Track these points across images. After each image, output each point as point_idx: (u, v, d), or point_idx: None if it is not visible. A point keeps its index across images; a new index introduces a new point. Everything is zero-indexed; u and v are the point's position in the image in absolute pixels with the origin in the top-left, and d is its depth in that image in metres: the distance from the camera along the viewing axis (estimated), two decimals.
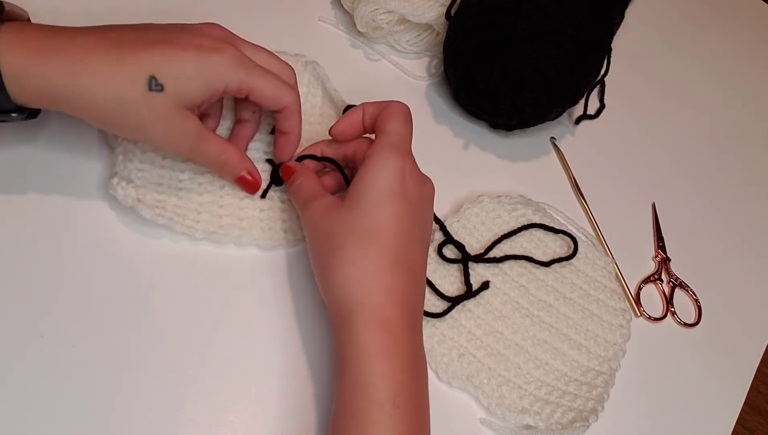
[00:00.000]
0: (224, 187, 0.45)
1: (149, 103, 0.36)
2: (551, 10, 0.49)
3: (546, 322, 0.47)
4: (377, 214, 0.38)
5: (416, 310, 0.39)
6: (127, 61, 0.36)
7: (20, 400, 0.36)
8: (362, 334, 0.36)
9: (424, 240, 0.41)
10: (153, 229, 0.43)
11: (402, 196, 0.39)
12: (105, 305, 0.40)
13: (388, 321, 0.36)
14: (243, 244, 0.44)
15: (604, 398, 0.44)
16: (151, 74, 0.36)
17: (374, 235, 0.38)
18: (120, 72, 0.35)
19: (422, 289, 0.40)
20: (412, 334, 0.37)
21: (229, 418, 0.39)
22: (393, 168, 0.39)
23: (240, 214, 0.45)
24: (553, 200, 0.53)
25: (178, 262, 0.43)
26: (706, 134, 0.65)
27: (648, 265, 0.54)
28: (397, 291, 0.37)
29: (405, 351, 0.36)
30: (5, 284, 0.39)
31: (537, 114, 0.54)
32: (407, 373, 0.35)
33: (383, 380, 0.34)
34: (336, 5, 0.60)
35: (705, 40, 0.74)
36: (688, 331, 0.51)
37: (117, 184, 0.40)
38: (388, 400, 0.34)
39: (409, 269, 0.38)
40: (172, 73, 0.36)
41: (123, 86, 0.35)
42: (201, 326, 0.41)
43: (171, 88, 0.36)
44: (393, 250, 0.38)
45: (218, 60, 0.38)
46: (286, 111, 0.43)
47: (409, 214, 0.39)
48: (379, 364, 0.35)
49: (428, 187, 0.42)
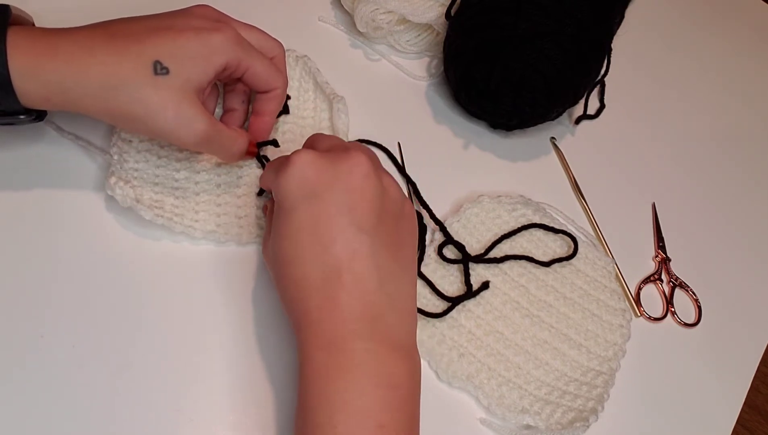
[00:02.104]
0: (221, 186, 0.45)
1: (157, 88, 0.36)
2: (551, 10, 0.49)
3: (546, 322, 0.47)
4: (288, 232, 0.35)
5: (363, 314, 0.34)
6: (130, 49, 0.36)
7: (20, 400, 0.36)
8: (303, 353, 0.34)
9: (361, 222, 0.35)
10: (151, 229, 0.43)
11: (309, 197, 0.35)
12: (105, 305, 0.40)
13: (323, 338, 0.34)
14: (243, 242, 0.44)
15: (604, 398, 0.44)
16: (155, 59, 0.36)
17: (294, 256, 0.35)
18: (125, 60, 0.36)
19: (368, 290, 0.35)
20: (360, 343, 0.34)
21: (229, 418, 0.39)
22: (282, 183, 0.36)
23: (238, 212, 0.45)
24: (553, 200, 0.53)
25: (178, 262, 0.43)
26: (706, 134, 0.65)
27: (648, 265, 0.54)
28: (330, 302, 0.34)
29: (346, 365, 0.33)
30: (4, 285, 0.39)
31: (537, 114, 0.54)
32: (349, 392, 0.33)
33: (318, 402, 0.33)
34: (336, 5, 0.60)
35: (705, 40, 0.74)
36: (688, 331, 0.51)
37: (115, 184, 0.40)
38: (324, 421, 0.32)
39: (337, 274, 0.34)
40: (176, 54, 0.37)
41: (129, 74, 0.36)
42: (201, 326, 0.41)
43: (176, 70, 0.37)
44: (318, 262, 0.34)
45: (218, 38, 0.38)
46: (273, 93, 0.43)
47: (323, 211, 0.35)
48: (315, 385, 0.33)
49: (349, 161, 0.36)
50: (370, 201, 0.36)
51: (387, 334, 0.35)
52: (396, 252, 0.37)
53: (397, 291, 0.36)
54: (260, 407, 0.39)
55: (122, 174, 0.42)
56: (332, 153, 0.37)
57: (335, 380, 0.33)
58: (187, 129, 0.38)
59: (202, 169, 0.45)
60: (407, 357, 0.36)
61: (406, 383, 0.35)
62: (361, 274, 0.35)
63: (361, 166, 0.36)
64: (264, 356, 0.41)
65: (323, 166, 0.36)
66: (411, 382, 0.35)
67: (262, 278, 0.44)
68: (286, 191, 0.36)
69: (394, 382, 0.34)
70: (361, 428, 0.32)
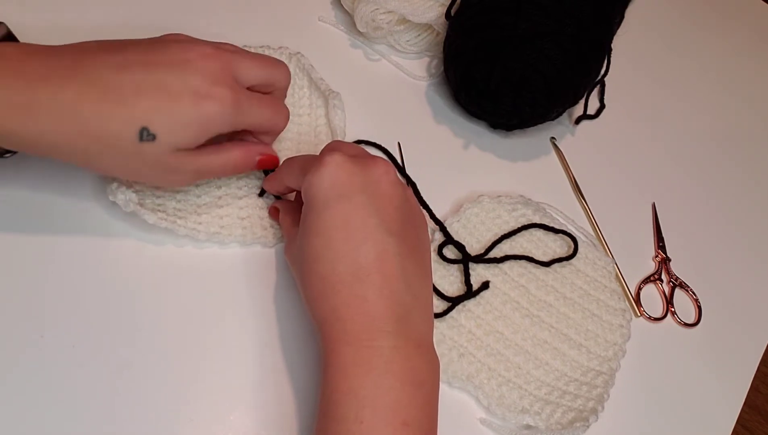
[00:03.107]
0: (221, 188, 0.45)
1: (141, 153, 0.35)
2: (551, 10, 0.49)
3: (546, 322, 0.47)
4: (319, 229, 0.36)
5: (390, 314, 0.35)
6: (117, 113, 0.34)
7: (20, 400, 0.36)
8: (328, 349, 0.35)
9: (389, 224, 0.36)
10: (154, 233, 0.43)
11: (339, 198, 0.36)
12: (105, 306, 0.40)
13: (351, 334, 0.34)
14: (246, 242, 0.44)
15: (604, 398, 0.44)
16: (142, 126, 0.35)
17: (323, 252, 0.36)
18: (110, 124, 0.34)
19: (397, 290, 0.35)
20: (386, 341, 0.34)
21: (229, 418, 0.39)
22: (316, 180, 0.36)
23: (240, 213, 0.45)
24: (553, 200, 0.53)
25: (178, 263, 0.43)
26: (706, 134, 0.65)
27: (648, 265, 0.54)
28: (358, 299, 0.35)
29: (374, 362, 0.34)
30: (5, 285, 0.39)
31: (537, 114, 0.54)
32: (378, 388, 0.33)
33: (345, 396, 0.33)
34: (336, 5, 0.60)
35: (705, 40, 0.74)
36: (688, 331, 0.51)
37: (117, 189, 0.40)
38: (350, 416, 0.33)
39: (366, 275, 0.35)
40: (166, 123, 0.35)
41: (112, 140, 0.35)
42: (201, 326, 0.41)
43: (164, 137, 0.35)
44: (344, 262, 0.35)
45: (215, 110, 0.36)
46: (272, 135, 0.43)
47: (350, 212, 0.36)
48: (342, 380, 0.34)
49: (377, 169, 0.38)
50: (397, 208, 0.37)
51: (412, 333, 0.36)
52: (417, 256, 0.38)
53: (420, 292, 0.37)
54: (261, 407, 0.39)
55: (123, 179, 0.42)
56: (360, 159, 0.38)
57: (362, 376, 0.34)
58: (177, 179, 0.39)
59: None
60: (429, 355, 0.37)
61: (428, 381, 0.36)
62: (390, 274, 0.36)
63: (389, 175, 0.38)
64: (264, 356, 0.41)
65: (354, 170, 0.37)
66: (433, 379, 0.36)
67: (265, 279, 0.44)
68: (318, 190, 0.36)
69: (419, 379, 0.35)
70: (387, 424, 0.33)
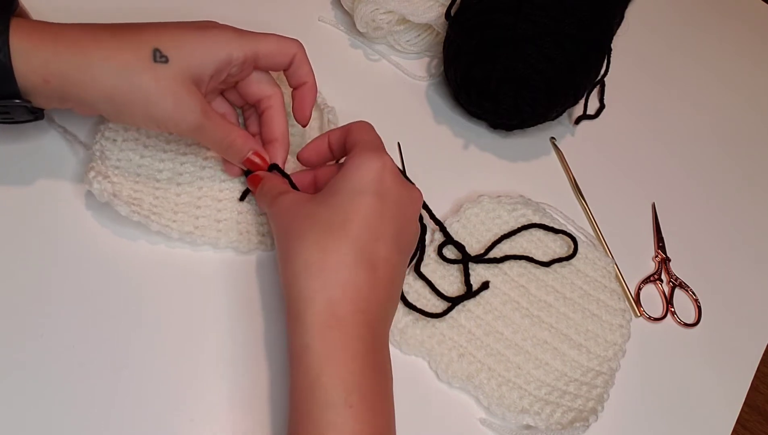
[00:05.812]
0: (202, 189, 0.45)
1: (156, 75, 0.37)
2: (551, 10, 0.49)
3: (546, 322, 0.47)
4: (346, 207, 0.37)
5: (376, 308, 0.37)
6: (131, 37, 0.37)
7: (20, 400, 0.36)
8: (312, 332, 0.35)
9: (399, 242, 0.39)
10: (154, 235, 0.42)
11: (377, 193, 0.38)
12: (105, 306, 0.40)
13: (340, 318, 0.35)
14: (220, 246, 0.44)
15: (604, 398, 0.44)
16: (155, 47, 0.37)
17: (339, 228, 0.37)
18: (125, 46, 0.37)
19: (385, 291, 0.38)
20: (369, 331, 0.36)
21: (229, 418, 0.39)
22: (372, 165, 0.39)
23: (217, 215, 0.44)
24: (553, 200, 0.53)
25: (178, 263, 0.43)
26: (706, 134, 0.65)
27: (648, 265, 0.54)
28: (354, 287, 0.36)
29: (360, 350, 0.35)
30: (6, 286, 0.39)
31: (537, 114, 0.54)
32: (362, 373, 0.34)
33: (333, 380, 0.33)
34: (336, 5, 0.60)
35: (705, 40, 0.74)
36: (688, 331, 0.51)
37: (93, 179, 0.40)
38: (340, 401, 0.33)
39: (371, 266, 0.37)
40: (175, 44, 0.38)
41: (129, 59, 0.37)
42: (201, 326, 0.41)
43: (175, 59, 0.38)
44: (357, 245, 0.36)
45: (217, 31, 0.40)
46: (296, 60, 0.44)
47: (381, 211, 0.38)
48: (328, 365, 0.34)
49: (413, 193, 0.41)
50: (412, 233, 0.42)
51: (388, 329, 0.39)
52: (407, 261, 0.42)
53: (399, 291, 0.41)
54: (260, 407, 0.39)
55: (102, 169, 0.42)
56: (402, 178, 0.41)
57: (346, 361, 0.34)
58: (182, 116, 0.39)
59: (186, 171, 0.45)
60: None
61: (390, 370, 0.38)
62: (389, 279, 0.38)
63: (418, 204, 0.42)
64: (264, 356, 0.41)
65: (397, 182, 0.40)
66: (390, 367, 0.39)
67: (259, 281, 0.44)
68: (364, 173, 0.38)
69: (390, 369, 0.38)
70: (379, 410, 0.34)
